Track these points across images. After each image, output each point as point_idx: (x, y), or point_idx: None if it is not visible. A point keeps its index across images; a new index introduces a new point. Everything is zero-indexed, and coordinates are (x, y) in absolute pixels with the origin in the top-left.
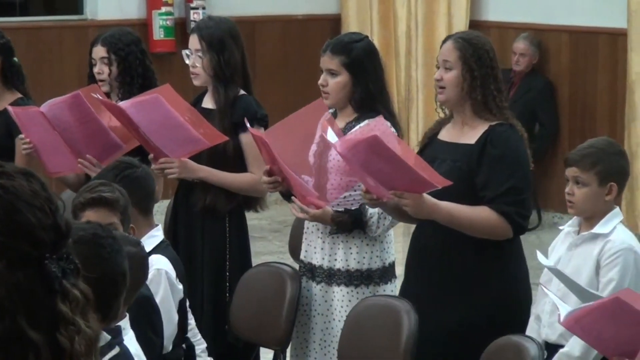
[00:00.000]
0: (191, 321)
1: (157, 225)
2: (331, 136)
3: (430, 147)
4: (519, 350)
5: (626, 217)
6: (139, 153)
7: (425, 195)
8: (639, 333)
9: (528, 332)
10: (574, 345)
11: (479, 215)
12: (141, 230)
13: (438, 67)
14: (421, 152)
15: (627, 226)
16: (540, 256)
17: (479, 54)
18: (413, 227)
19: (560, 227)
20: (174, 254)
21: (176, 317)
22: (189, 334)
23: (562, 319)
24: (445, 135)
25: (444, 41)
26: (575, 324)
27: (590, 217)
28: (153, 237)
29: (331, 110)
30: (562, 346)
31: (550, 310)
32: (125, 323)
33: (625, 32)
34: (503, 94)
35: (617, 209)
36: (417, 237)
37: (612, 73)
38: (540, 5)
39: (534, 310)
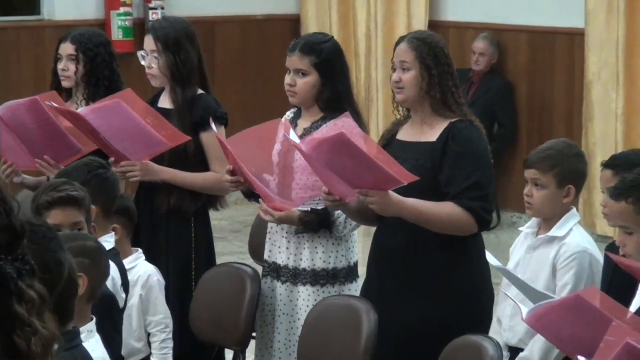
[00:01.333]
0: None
1: (111, 232)
2: (293, 136)
3: (390, 148)
4: (477, 350)
5: (583, 217)
6: (97, 156)
7: (391, 192)
8: (599, 332)
9: (491, 333)
10: (533, 349)
11: (444, 210)
12: (98, 232)
13: (394, 69)
14: None
15: (584, 226)
16: (489, 256)
17: (434, 52)
18: (372, 228)
19: (520, 229)
20: (122, 263)
21: None
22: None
23: (524, 316)
24: (404, 135)
25: (398, 43)
26: (537, 322)
27: (549, 219)
28: (105, 242)
29: (294, 110)
30: (522, 350)
31: (511, 313)
32: (91, 326)
33: (582, 31)
34: (460, 90)
35: (574, 210)
36: (379, 236)
37: (570, 73)
38: (499, 5)
39: (495, 313)
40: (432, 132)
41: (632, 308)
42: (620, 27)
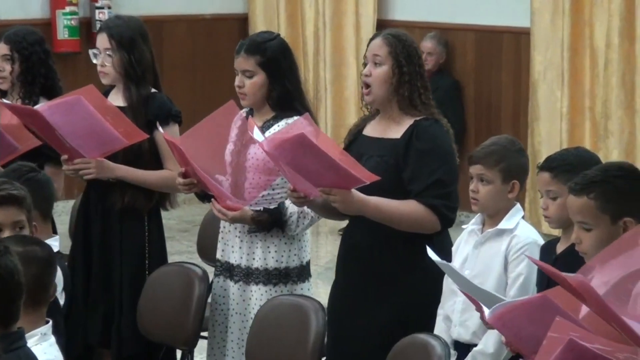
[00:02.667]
0: None
1: (55, 235)
2: (257, 135)
3: (356, 143)
4: (425, 349)
5: (529, 215)
6: (35, 155)
7: (353, 190)
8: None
9: (436, 332)
10: (488, 342)
11: (407, 208)
12: (41, 236)
13: (365, 65)
14: (347, 149)
15: (530, 224)
16: (431, 253)
17: (408, 50)
18: (323, 226)
19: (464, 226)
20: (65, 268)
21: None
22: None
23: (487, 316)
24: (370, 131)
25: (372, 38)
26: (499, 321)
27: (494, 215)
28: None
29: (247, 109)
30: (475, 345)
31: (462, 309)
32: (46, 329)
33: (528, 31)
34: (429, 92)
35: (518, 204)
36: (347, 235)
37: (516, 72)
38: (446, 4)
39: (441, 310)
40: (397, 129)
41: None
42: (566, 26)
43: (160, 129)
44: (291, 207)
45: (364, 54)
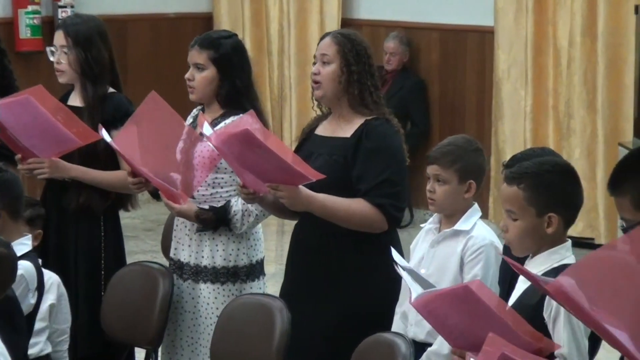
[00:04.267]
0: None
1: (27, 235)
2: (207, 129)
3: (308, 142)
4: (389, 348)
5: (493, 214)
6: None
7: (301, 187)
8: (482, 326)
9: (394, 329)
10: (443, 342)
11: (354, 206)
12: (10, 236)
13: (315, 63)
14: (299, 147)
15: (493, 223)
16: (395, 254)
17: (357, 49)
18: (288, 225)
19: (422, 225)
20: (39, 267)
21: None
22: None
23: (412, 299)
24: (322, 130)
25: (322, 37)
26: (424, 307)
27: (451, 215)
28: (22, 245)
29: (200, 107)
30: (430, 344)
31: None
32: None
33: (492, 30)
34: (379, 91)
35: (476, 205)
36: (297, 233)
37: (480, 71)
38: (411, 3)
39: (399, 308)
40: (348, 128)
41: (510, 302)
42: (529, 25)
43: (103, 131)
44: (236, 205)
45: (314, 54)
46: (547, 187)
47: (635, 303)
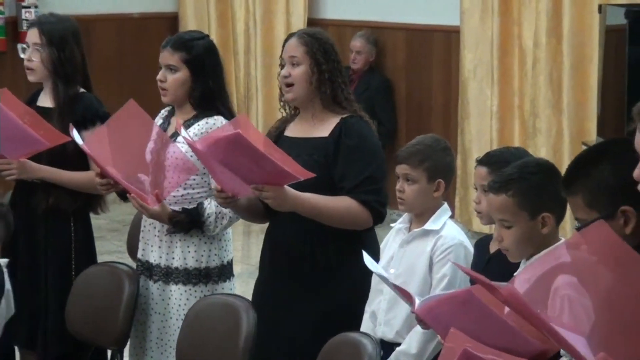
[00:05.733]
0: None
1: None
2: (186, 134)
3: (278, 144)
4: (355, 347)
5: (460, 214)
6: None
7: (286, 187)
8: (486, 329)
9: (363, 329)
10: (411, 342)
11: (340, 204)
12: None
13: (282, 66)
14: None
15: (460, 223)
16: (366, 258)
17: (325, 48)
18: (255, 225)
19: (392, 225)
20: (2, 271)
21: None
22: None
23: (416, 307)
24: (292, 131)
25: (287, 39)
26: (428, 313)
27: (420, 214)
28: None
29: (168, 108)
30: (398, 344)
31: (387, 308)
32: None
33: (458, 29)
34: (349, 87)
35: (445, 204)
36: (271, 233)
37: (447, 71)
38: (377, 3)
39: (368, 307)
40: (323, 128)
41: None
42: (495, 25)
43: (74, 132)
44: (209, 208)
45: (280, 55)
46: (535, 188)
47: (595, 304)
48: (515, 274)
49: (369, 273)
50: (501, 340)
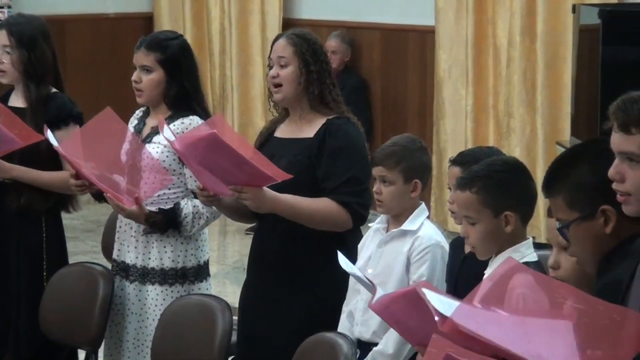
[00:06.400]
0: None
1: None
2: (168, 134)
3: (267, 145)
4: (331, 347)
5: (435, 214)
6: None
7: (265, 188)
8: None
9: (340, 329)
10: (388, 342)
11: (320, 206)
12: None
13: (270, 67)
14: (258, 150)
15: (436, 223)
16: (341, 259)
17: (313, 48)
18: (231, 225)
19: (370, 225)
20: None
21: None
22: None
23: (373, 301)
24: (282, 132)
25: (276, 39)
26: (385, 310)
27: (398, 214)
28: None
29: (143, 108)
30: (375, 344)
31: (364, 307)
32: None
33: (433, 29)
34: (337, 89)
35: (423, 205)
36: (258, 234)
37: (422, 70)
38: (352, 3)
39: (346, 307)
40: (310, 129)
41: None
42: (469, 25)
43: (49, 133)
44: (186, 208)
45: (268, 56)
46: (499, 186)
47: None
48: (485, 275)
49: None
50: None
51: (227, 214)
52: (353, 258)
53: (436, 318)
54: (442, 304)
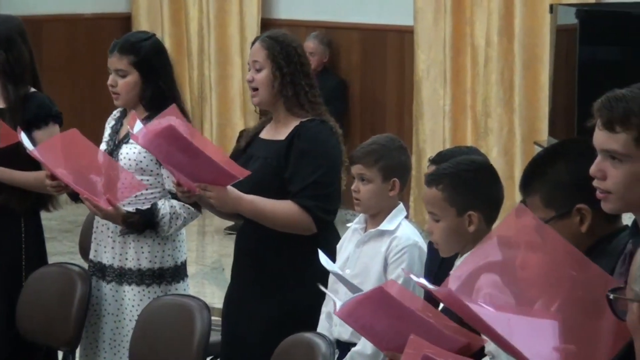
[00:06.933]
0: None
1: None
2: (136, 128)
3: (252, 145)
4: (310, 347)
5: (414, 213)
6: None
7: (229, 187)
8: (407, 326)
9: (319, 329)
10: (366, 343)
11: (282, 208)
12: None
13: (250, 70)
14: (244, 151)
15: (414, 222)
16: (322, 257)
17: (287, 51)
18: (209, 225)
19: (348, 225)
20: None
21: None
22: None
23: (337, 309)
24: (264, 133)
25: (253, 43)
26: (349, 317)
27: (376, 214)
28: None
29: (120, 109)
30: (354, 344)
31: None
32: None
33: (412, 29)
34: (315, 90)
35: (401, 205)
36: (239, 235)
37: (400, 71)
38: (331, 3)
39: (325, 308)
40: (285, 131)
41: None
42: (447, 25)
43: (22, 135)
44: (163, 208)
45: (249, 59)
46: (465, 185)
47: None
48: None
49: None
50: (422, 336)
51: (210, 209)
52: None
53: (430, 287)
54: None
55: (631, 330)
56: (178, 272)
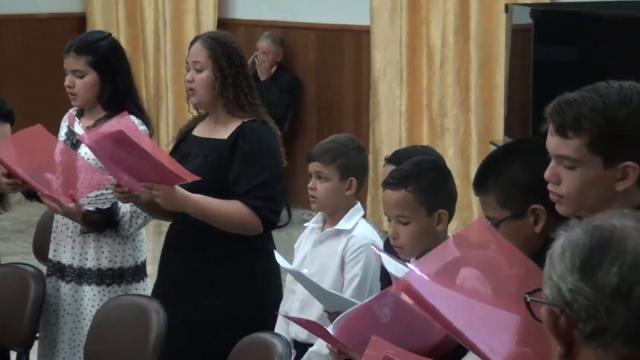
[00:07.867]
0: None
1: None
2: (78, 129)
3: (185, 142)
4: (266, 348)
5: (371, 213)
6: None
7: (177, 187)
8: (404, 329)
9: (276, 329)
10: (323, 342)
11: (230, 208)
12: None
13: (188, 70)
14: (176, 148)
15: (371, 222)
16: (278, 257)
17: (228, 52)
18: (166, 225)
19: (305, 224)
20: None
21: None
22: None
23: (332, 331)
24: (199, 131)
25: (192, 42)
26: (347, 336)
27: (333, 213)
28: None
29: (76, 108)
30: (311, 344)
31: (299, 307)
32: None
33: (368, 29)
34: (254, 91)
35: (359, 204)
36: (171, 232)
37: (357, 71)
38: (287, 3)
39: (282, 308)
40: (224, 130)
41: None
42: (404, 25)
43: None
44: (124, 207)
45: (186, 59)
46: (432, 185)
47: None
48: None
49: (270, 278)
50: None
51: (145, 210)
52: (263, 262)
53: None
54: (396, 269)
55: (546, 332)
56: (138, 272)
